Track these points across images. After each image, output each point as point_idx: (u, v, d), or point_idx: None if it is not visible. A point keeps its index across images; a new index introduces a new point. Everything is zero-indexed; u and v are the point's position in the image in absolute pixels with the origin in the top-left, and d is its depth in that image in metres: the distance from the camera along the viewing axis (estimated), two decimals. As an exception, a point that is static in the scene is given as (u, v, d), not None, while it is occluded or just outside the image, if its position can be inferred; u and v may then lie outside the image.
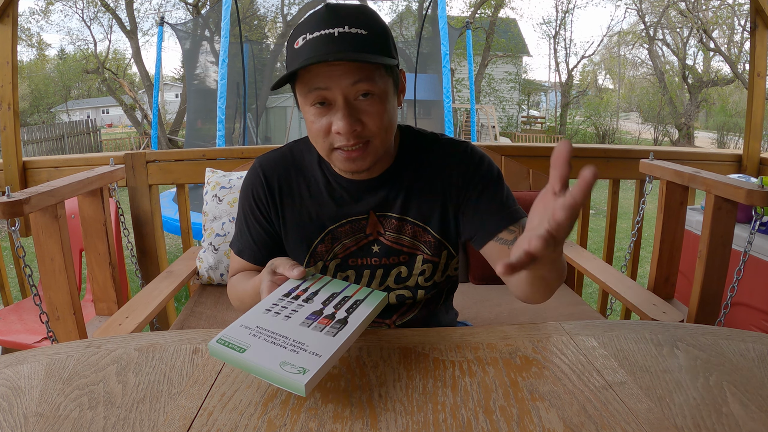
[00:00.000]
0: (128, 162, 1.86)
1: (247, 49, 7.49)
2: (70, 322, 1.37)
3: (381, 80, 0.74)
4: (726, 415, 0.58)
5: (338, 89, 0.72)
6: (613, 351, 0.72)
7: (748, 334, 0.76)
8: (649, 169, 1.67)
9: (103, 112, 23.26)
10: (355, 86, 0.72)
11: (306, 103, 0.75)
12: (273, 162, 0.89)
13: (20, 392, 0.63)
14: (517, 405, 0.60)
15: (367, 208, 0.86)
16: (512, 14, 20.37)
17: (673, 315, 1.26)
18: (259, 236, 0.90)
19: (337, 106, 0.73)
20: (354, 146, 0.75)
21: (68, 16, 23.24)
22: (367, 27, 0.72)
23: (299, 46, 0.72)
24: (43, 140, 12.13)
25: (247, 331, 0.64)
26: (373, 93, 0.73)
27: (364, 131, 0.74)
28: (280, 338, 0.63)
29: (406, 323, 0.93)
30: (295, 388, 0.56)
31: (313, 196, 0.87)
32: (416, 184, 0.86)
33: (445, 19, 5.19)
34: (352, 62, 0.70)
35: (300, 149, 0.90)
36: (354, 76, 0.71)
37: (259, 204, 0.89)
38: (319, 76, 0.71)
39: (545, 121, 17.76)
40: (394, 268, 0.89)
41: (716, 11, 14.52)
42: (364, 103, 0.73)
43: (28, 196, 1.22)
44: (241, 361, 0.60)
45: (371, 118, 0.74)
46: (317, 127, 0.75)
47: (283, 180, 0.88)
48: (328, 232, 0.87)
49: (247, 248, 0.91)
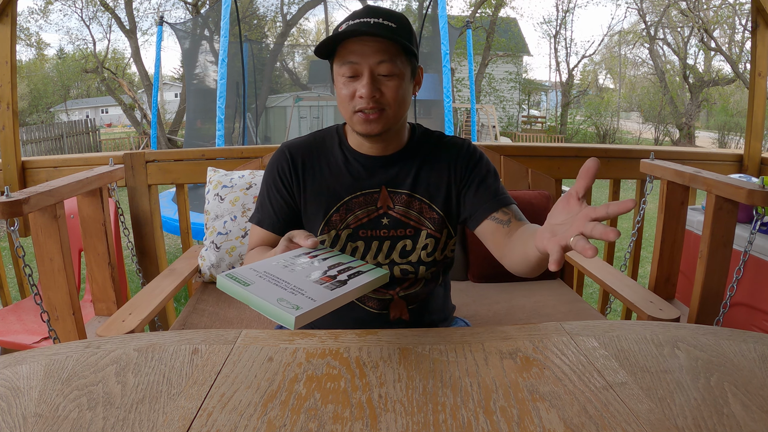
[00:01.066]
0: (127, 162, 1.85)
1: (247, 48, 7.49)
2: (70, 322, 1.37)
3: (401, 64, 0.90)
4: (727, 415, 0.58)
5: (366, 64, 0.88)
6: (613, 351, 0.72)
7: (749, 335, 0.75)
8: (649, 168, 1.66)
9: (102, 111, 23.23)
10: (379, 64, 0.88)
11: (339, 73, 0.90)
12: (298, 143, 1.03)
13: (19, 393, 0.62)
14: (518, 405, 0.59)
15: (380, 182, 0.99)
16: (513, 13, 20.38)
17: (674, 315, 1.26)
18: (280, 207, 1.01)
19: (363, 77, 0.88)
20: (371, 110, 0.89)
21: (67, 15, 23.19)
22: (397, 23, 0.89)
23: (342, 29, 0.89)
24: (42, 140, 12.12)
25: (254, 272, 0.72)
26: (393, 72, 0.89)
27: (381, 99, 0.89)
28: (282, 282, 0.70)
29: (408, 296, 1.02)
30: (286, 321, 0.63)
31: (333, 170, 1.00)
32: (425, 167, 1.00)
33: (445, 19, 5.18)
34: (379, 44, 0.87)
35: (322, 135, 1.04)
36: (380, 55, 0.87)
37: (282, 177, 1.00)
38: (353, 52, 0.88)
39: (546, 121, 17.74)
40: (400, 241, 0.99)
41: (717, 11, 14.51)
42: (384, 78, 0.89)
43: (27, 196, 1.21)
44: (243, 294, 0.67)
45: (388, 90, 0.89)
46: (345, 92, 0.90)
47: (307, 157, 1.01)
48: (344, 203, 0.98)
49: (267, 218, 1.01)
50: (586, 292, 3.04)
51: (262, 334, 0.77)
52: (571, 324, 0.80)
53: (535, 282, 1.71)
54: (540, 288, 1.66)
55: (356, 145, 0.99)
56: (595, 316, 1.51)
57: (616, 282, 1.46)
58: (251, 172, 1.69)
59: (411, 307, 1.02)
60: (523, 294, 1.61)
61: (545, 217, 0.69)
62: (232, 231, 1.61)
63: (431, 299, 1.05)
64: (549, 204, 1.76)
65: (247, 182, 1.65)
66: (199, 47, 7.41)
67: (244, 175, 1.68)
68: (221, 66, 4.43)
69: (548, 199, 1.78)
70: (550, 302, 1.55)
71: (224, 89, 4.37)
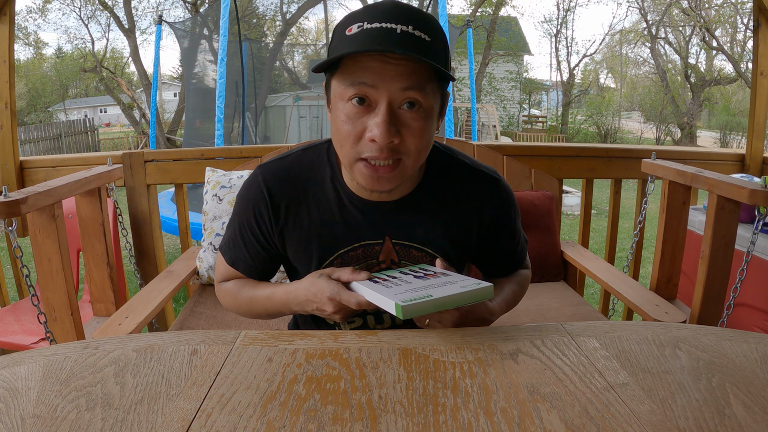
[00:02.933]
0: (126, 161, 1.85)
1: (246, 47, 7.47)
2: (68, 322, 1.36)
3: (432, 95, 0.67)
4: (729, 416, 0.57)
5: (385, 90, 0.64)
6: (614, 352, 0.71)
7: (750, 335, 0.75)
8: (651, 168, 1.66)
9: (100, 111, 23.21)
10: (404, 92, 0.65)
11: (343, 97, 0.67)
12: (279, 176, 0.80)
13: (17, 394, 0.62)
14: (518, 406, 0.59)
15: (383, 233, 0.80)
16: (513, 12, 20.34)
17: (676, 316, 1.25)
18: (256, 253, 0.84)
19: (378, 109, 0.65)
20: (384, 161, 0.67)
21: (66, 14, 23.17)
22: (431, 34, 0.65)
23: (352, 33, 0.65)
24: (41, 140, 12.10)
25: (411, 290, 0.69)
26: (420, 105, 0.66)
27: (399, 146, 0.67)
28: (435, 280, 0.71)
29: None
30: (486, 293, 0.68)
31: (323, 215, 0.80)
32: (441, 215, 0.80)
33: (445, 18, 5.17)
34: (407, 65, 0.63)
35: (309, 161, 0.81)
36: (407, 81, 0.64)
37: (260, 222, 0.81)
38: (368, 70, 0.64)
39: (546, 121, 17.74)
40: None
41: (719, 9, 14.51)
42: (408, 114, 0.66)
43: (25, 195, 1.21)
44: (435, 302, 0.66)
45: (411, 133, 0.67)
46: (348, 129, 0.67)
47: (291, 199, 0.80)
48: (338, 256, 0.81)
49: (241, 261, 0.86)
50: (587, 293, 3.04)
51: (262, 334, 0.77)
52: (572, 324, 0.79)
53: (539, 284, 1.70)
54: (544, 290, 1.66)
55: (354, 186, 0.78)
56: (600, 320, 1.50)
57: (619, 284, 1.45)
58: (250, 173, 1.69)
59: None
60: (526, 297, 1.57)
61: (549, 219, 0.69)
62: (231, 231, 1.60)
63: None
64: (552, 205, 1.76)
65: (246, 182, 1.65)
66: (198, 46, 7.40)
67: (243, 175, 1.67)
68: (220, 65, 4.42)
69: (551, 200, 1.77)
70: (554, 305, 1.54)
71: (223, 88, 4.36)
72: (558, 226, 1.77)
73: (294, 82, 9.61)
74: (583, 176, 2.01)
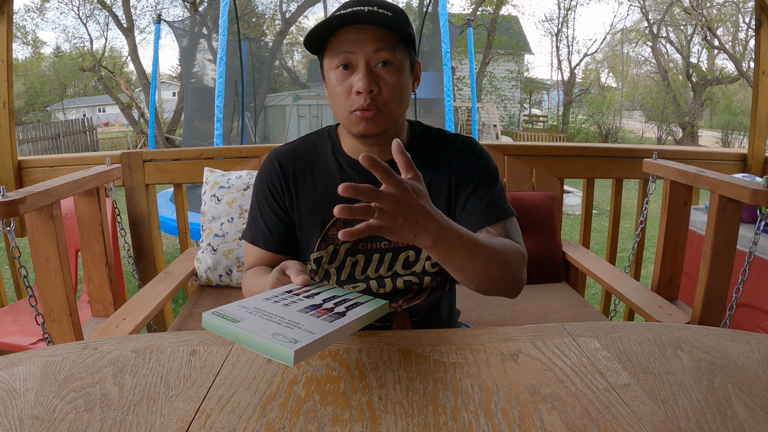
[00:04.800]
0: (125, 161, 1.84)
1: (246, 46, 7.46)
2: (66, 323, 1.36)
3: (400, 54, 0.83)
4: (730, 417, 0.57)
5: (362, 53, 0.81)
6: (616, 353, 0.71)
7: (752, 336, 0.75)
8: (652, 168, 1.66)
9: (99, 110, 23.18)
10: (376, 53, 0.81)
11: (332, 66, 0.84)
12: (287, 152, 0.95)
13: (15, 394, 0.62)
14: (519, 407, 0.59)
15: None
16: (514, 11, 20.29)
17: (677, 316, 1.25)
18: (273, 223, 0.94)
19: (358, 69, 0.81)
20: (368, 107, 0.82)
21: (64, 13, 23.17)
22: (393, 11, 0.83)
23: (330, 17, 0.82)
24: (39, 139, 12.08)
25: (244, 309, 0.66)
26: (391, 62, 0.82)
27: (378, 96, 0.82)
28: (275, 317, 0.64)
29: (412, 308, 0.96)
30: (284, 357, 0.57)
31: (327, 180, 0.92)
32: (426, 171, 0.91)
33: (445, 17, 5.16)
34: (376, 32, 0.80)
35: (313, 140, 0.97)
36: (377, 43, 0.81)
37: (273, 191, 0.93)
38: (346, 42, 0.81)
39: (547, 120, 17.74)
40: (402, 252, 0.93)
41: (721, 8, 14.49)
42: (383, 71, 0.82)
43: (24, 195, 1.20)
44: (233, 331, 0.61)
45: (386, 85, 0.82)
46: (340, 89, 0.83)
47: (298, 167, 0.93)
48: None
49: (261, 235, 0.95)
50: (588, 293, 3.04)
51: (261, 335, 0.76)
52: (572, 325, 0.79)
53: (540, 285, 1.70)
54: (545, 291, 1.65)
55: (351, 151, 0.92)
56: (601, 321, 1.50)
57: (620, 284, 1.45)
58: (248, 173, 1.68)
59: (414, 320, 0.97)
60: (528, 298, 1.59)
61: (550, 219, 0.68)
62: (229, 233, 1.59)
63: (435, 309, 1.00)
64: (553, 205, 1.75)
65: (244, 183, 1.64)
66: (197, 45, 7.39)
67: (242, 175, 1.67)
68: (219, 64, 4.41)
69: (553, 200, 1.76)
70: (555, 306, 1.54)
71: (222, 88, 4.35)
72: (559, 227, 1.77)
73: (293, 81, 9.60)
74: (584, 176, 2.00)
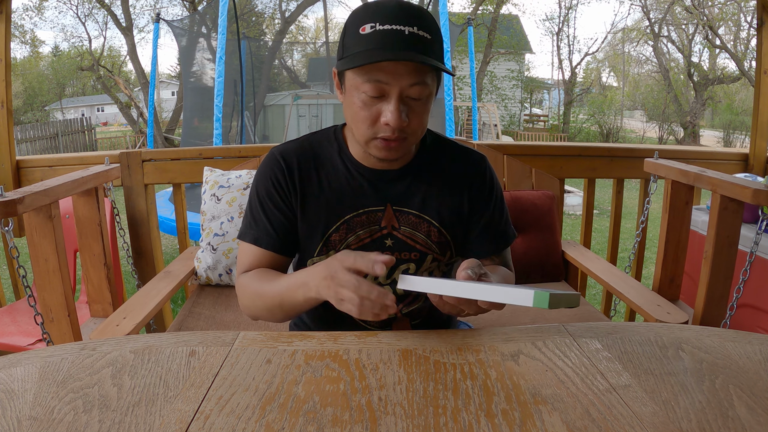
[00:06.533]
0: (124, 161, 1.84)
1: (245, 46, 7.45)
2: (65, 323, 1.35)
3: (431, 83, 0.81)
4: (732, 418, 0.57)
5: (397, 85, 0.77)
6: (617, 353, 0.71)
7: (754, 336, 0.75)
8: (653, 168, 1.65)
9: (98, 110, 23.14)
10: (412, 87, 0.78)
11: (357, 86, 0.79)
12: (291, 149, 0.91)
13: (14, 395, 0.61)
14: (520, 408, 0.59)
15: (385, 200, 0.89)
16: (514, 10, 20.15)
17: (678, 317, 1.25)
18: (279, 222, 0.89)
19: (390, 99, 0.78)
20: (395, 139, 0.80)
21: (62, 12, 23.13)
22: (430, 32, 0.78)
23: (366, 32, 0.77)
24: (37, 139, 12.06)
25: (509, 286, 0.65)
26: (423, 96, 0.80)
27: (407, 127, 0.80)
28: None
29: (412, 312, 0.95)
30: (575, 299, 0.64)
31: (332, 183, 0.89)
32: (436, 184, 0.91)
33: (446, 16, 5.15)
34: (414, 65, 0.76)
35: (318, 140, 0.93)
36: (414, 78, 0.77)
37: (278, 188, 0.89)
38: (383, 70, 0.77)
39: (548, 120, 17.72)
40: (404, 264, 0.91)
41: (722, 7, 14.47)
42: (414, 102, 0.80)
43: (22, 195, 1.20)
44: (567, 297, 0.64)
45: (415, 117, 0.80)
46: (365, 114, 0.79)
47: (303, 165, 0.90)
48: (344, 221, 0.89)
49: (264, 235, 0.89)
50: (589, 293, 3.04)
51: (260, 335, 0.76)
52: (573, 326, 0.79)
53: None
54: (545, 291, 1.65)
55: (359, 156, 0.89)
56: (602, 321, 1.50)
57: (621, 284, 1.45)
58: (248, 172, 1.68)
59: (414, 323, 0.96)
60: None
61: (550, 219, 0.69)
62: (229, 232, 1.59)
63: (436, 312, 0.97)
64: (553, 204, 1.75)
65: (244, 182, 1.64)
66: (196, 45, 7.38)
67: (242, 174, 1.66)
68: (219, 64, 4.41)
69: (552, 200, 1.76)
70: (555, 306, 1.53)
71: (222, 87, 4.34)
72: (559, 226, 1.77)
73: (293, 80, 9.58)
74: (584, 176, 2.00)
